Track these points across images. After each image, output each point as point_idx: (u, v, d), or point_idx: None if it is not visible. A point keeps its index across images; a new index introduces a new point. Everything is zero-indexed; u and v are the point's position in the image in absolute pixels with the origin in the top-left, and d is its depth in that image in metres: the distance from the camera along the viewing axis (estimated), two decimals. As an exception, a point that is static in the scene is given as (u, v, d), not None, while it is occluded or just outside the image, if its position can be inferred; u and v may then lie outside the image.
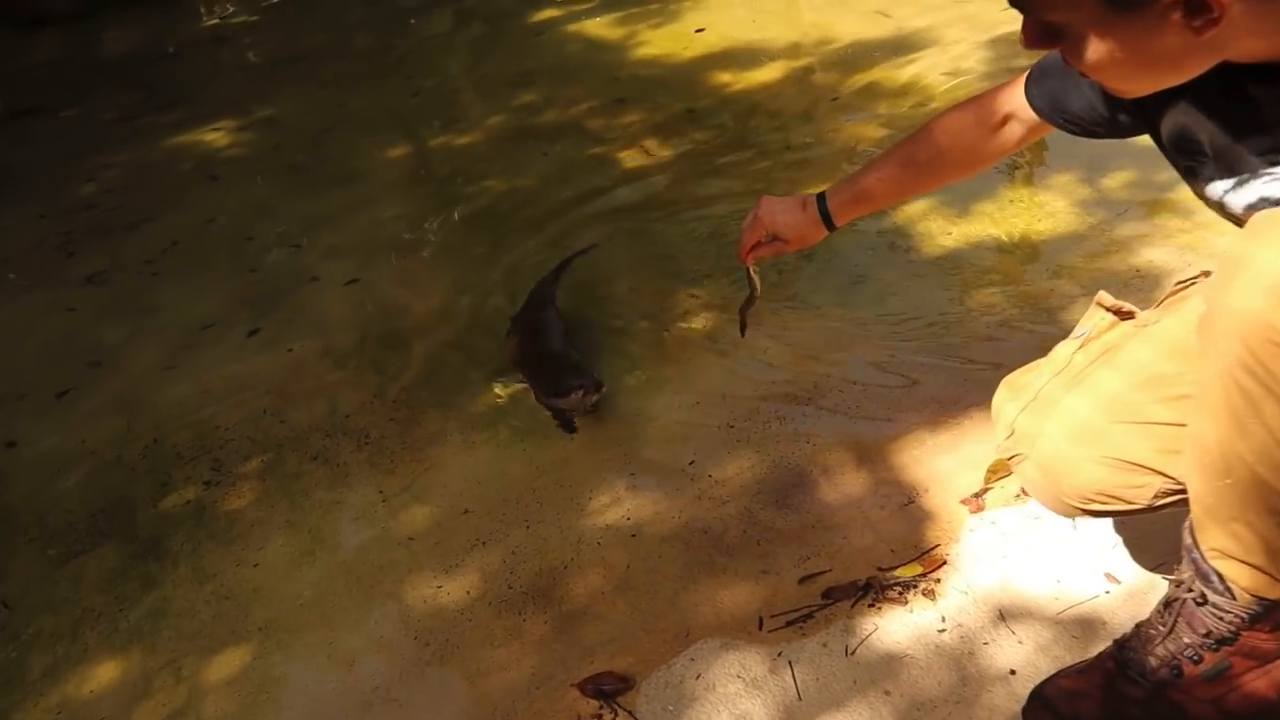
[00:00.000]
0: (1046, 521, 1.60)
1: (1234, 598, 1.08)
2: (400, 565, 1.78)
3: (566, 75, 4.06)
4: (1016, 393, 1.36)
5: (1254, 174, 1.01)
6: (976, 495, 1.68)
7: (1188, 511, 1.29)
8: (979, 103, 1.44)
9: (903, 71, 3.58)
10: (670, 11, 4.60)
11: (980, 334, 2.13)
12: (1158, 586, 1.45)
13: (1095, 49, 0.93)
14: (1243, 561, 1.04)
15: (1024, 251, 2.42)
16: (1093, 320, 1.32)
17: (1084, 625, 1.40)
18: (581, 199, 3.02)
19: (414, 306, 2.61)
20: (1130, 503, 1.20)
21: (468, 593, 1.70)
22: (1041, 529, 1.59)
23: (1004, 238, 2.48)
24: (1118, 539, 1.55)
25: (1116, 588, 1.46)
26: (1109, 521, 1.58)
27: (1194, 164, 1.07)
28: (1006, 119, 1.42)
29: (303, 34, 5.25)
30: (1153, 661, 1.16)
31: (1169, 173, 1.34)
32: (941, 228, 2.55)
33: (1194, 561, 1.10)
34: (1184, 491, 1.16)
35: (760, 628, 1.50)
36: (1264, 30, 0.89)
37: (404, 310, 2.60)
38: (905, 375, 2.03)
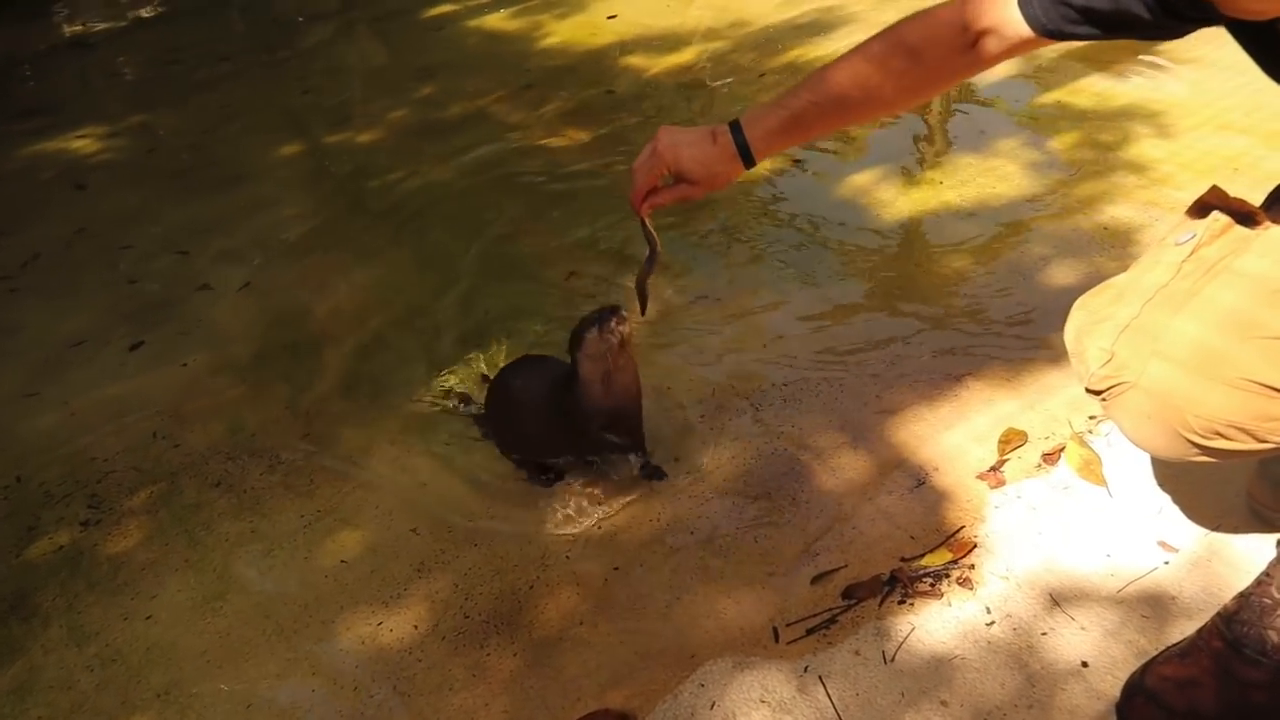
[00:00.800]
0: (1077, 491, 1.42)
1: None
2: (330, 602, 1.49)
3: (470, 68, 3.79)
4: (1105, 313, 1.13)
5: None
6: (993, 469, 1.49)
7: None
8: (950, 11, 1.16)
9: (822, 49, 3.44)
10: (573, 2, 4.38)
11: (958, 302, 1.96)
12: (1221, 550, 1.28)
13: None
14: None
15: (986, 215, 2.27)
16: (1201, 223, 1.09)
17: (1151, 602, 1.22)
18: (495, 186, 2.76)
19: (321, 310, 2.31)
20: (1261, 440, 1.00)
21: (415, 627, 1.42)
22: (1074, 500, 1.41)
23: (962, 203, 2.33)
24: (1162, 502, 1.37)
25: (1175, 556, 1.28)
26: (1148, 486, 1.41)
27: None
28: (983, 33, 1.15)
29: (177, 40, 4.84)
30: (1274, 636, 0.97)
31: (1116, 131, 1.17)
32: (891, 197, 2.39)
33: None
34: None
35: (777, 639, 1.27)
36: None
37: (310, 315, 2.30)
38: (887, 349, 1.83)
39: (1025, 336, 1.81)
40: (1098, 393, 1.11)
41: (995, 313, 1.90)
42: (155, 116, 3.82)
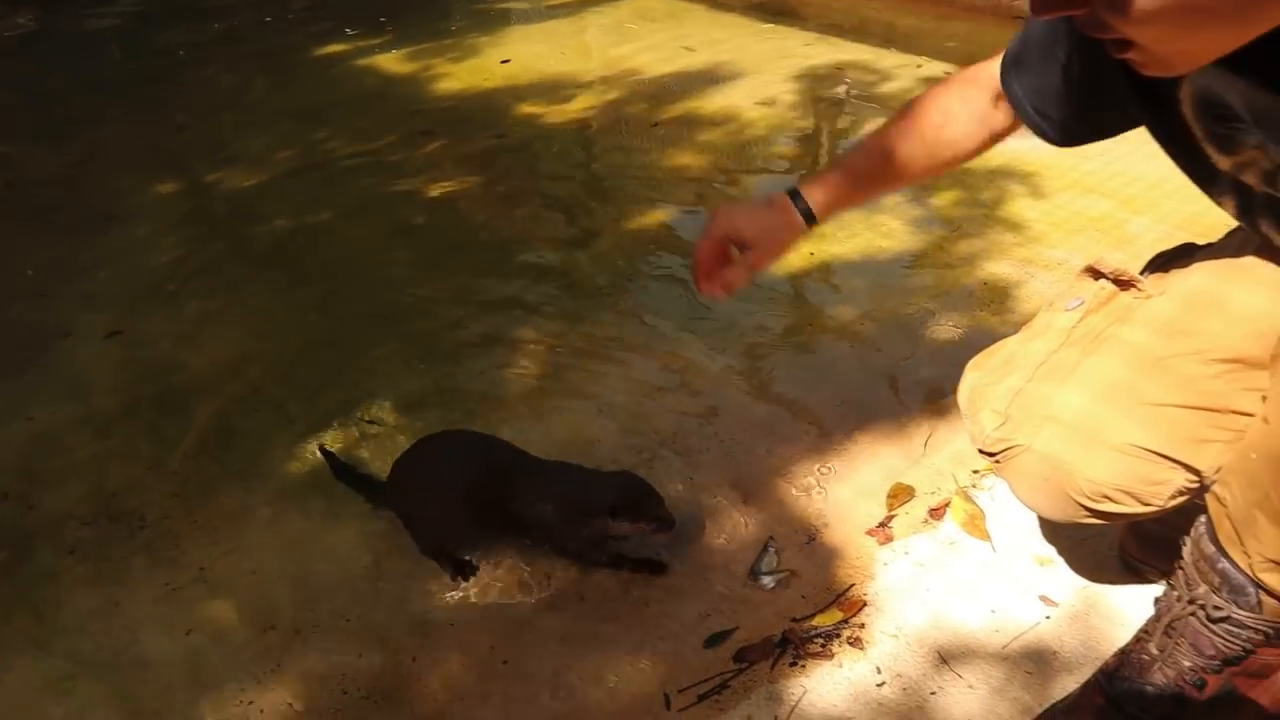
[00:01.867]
0: (962, 546, 1.45)
1: (1262, 611, 0.93)
2: (196, 679, 1.39)
3: (360, 109, 3.72)
4: (998, 375, 1.15)
5: None
6: (882, 525, 1.50)
7: (1164, 520, 1.15)
8: (971, 79, 1.20)
9: (713, 101, 3.51)
10: (468, 46, 4.36)
11: (845, 355, 1.99)
12: (1098, 604, 1.31)
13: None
14: None
15: (872, 270, 2.32)
16: (1089, 289, 1.12)
17: (1034, 658, 1.24)
18: (384, 232, 2.70)
19: (194, 361, 2.19)
20: (1145, 503, 1.03)
21: (289, 705, 1.33)
22: (960, 555, 1.43)
23: (850, 256, 2.39)
24: (1043, 556, 1.41)
25: (1055, 611, 1.31)
26: (1030, 540, 1.44)
27: (1230, 131, 0.89)
28: (998, 99, 1.17)
29: (46, 69, 4.61)
30: (1151, 691, 1.00)
31: (994, 190, 1.23)
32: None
33: (1222, 573, 0.95)
34: (1193, 491, 1.02)
35: (669, 707, 1.24)
36: None
37: (181, 366, 2.18)
38: (777, 404, 1.84)
39: (911, 392, 1.84)
40: (991, 454, 1.13)
41: (881, 367, 1.93)
42: (17, 149, 3.60)
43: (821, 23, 4.59)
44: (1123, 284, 1.09)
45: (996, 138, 1.19)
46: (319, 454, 1.78)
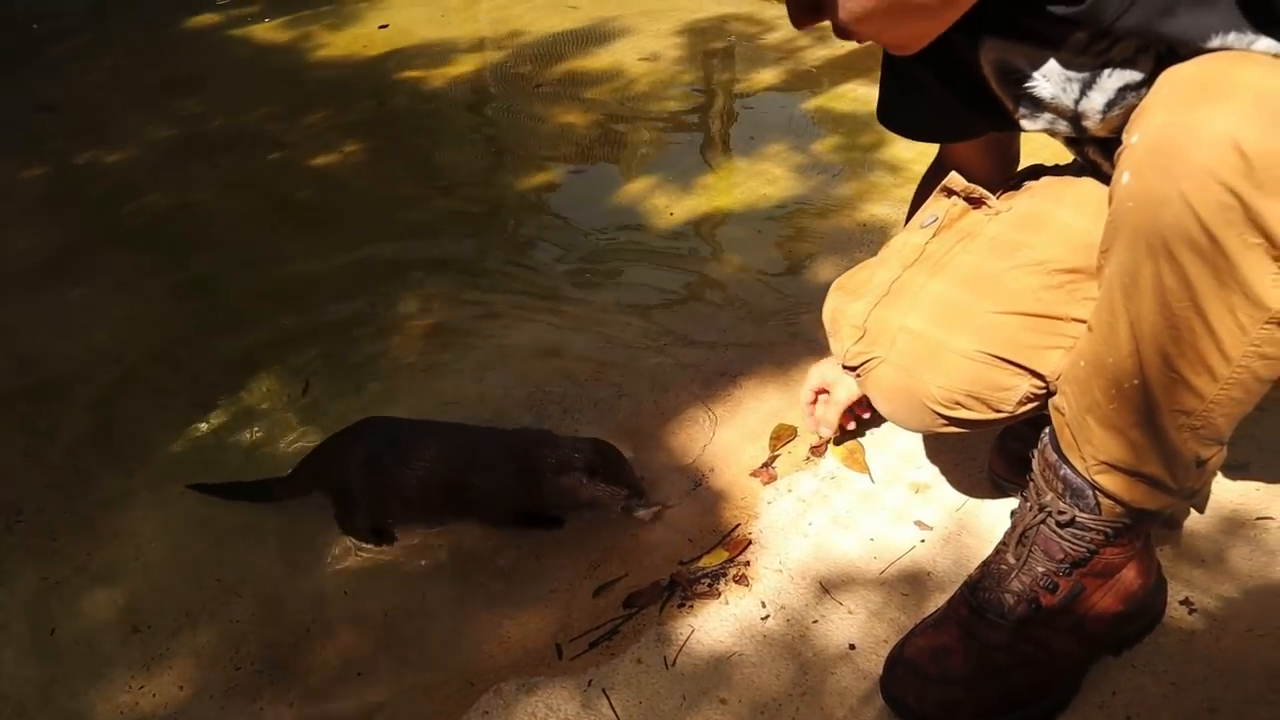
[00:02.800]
0: (843, 480, 1.50)
1: (1100, 513, 0.99)
2: (82, 671, 1.36)
3: (236, 82, 3.59)
4: (858, 292, 1.19)
5: (1093, 73, 0.94)
6: (766, 465, 1.55)
7: (1025, 438, 1.21)
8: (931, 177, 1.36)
9: (598, 59, 3.49)
10: (346, 13, 4.24)
11: (729, 301, 2.02)
12: (969, 524, 1.38)
13: (859, 3, 0.90)
14: (1132, 472, 0.94)
15: (756, 218, 2.36)
16: (942, 207, 1.16)
17: (910, 580, 1.29)
18: (265, 207, 2.63)
19: (68, 349, 2.11)
20: (995, 409, 1.08)
21: (180, 688, 1.31)
22: (840, 489, 1.48)
23: (733, 207, 2.41)
24: (918, 483, 1.46)
25: (930, 534, 1.37)
26: (906, 469, 1.49)
27: (1028, 90, 1.01)
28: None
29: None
30: (1009, 599, 1.05)
31: (873, 134, 1.30)
32: (666, 204, 2.45)
33: (1064, 479, 1.00)
34: (1041, 397, 1.07)
35: (560, 656, 1.26)
36: None
37: (56, 355, 2.10)
38: (662, 354, 1.87)
39: (793, 333, 1.89)
40: (853, 369, 1.18)
41: (765, 311, 1.97)
42: None
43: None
44: (973, 201, 1.14)
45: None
46: (199, 434, 1.74)
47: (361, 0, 4.39)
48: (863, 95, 2.97)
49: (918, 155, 2.61)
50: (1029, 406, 1.09)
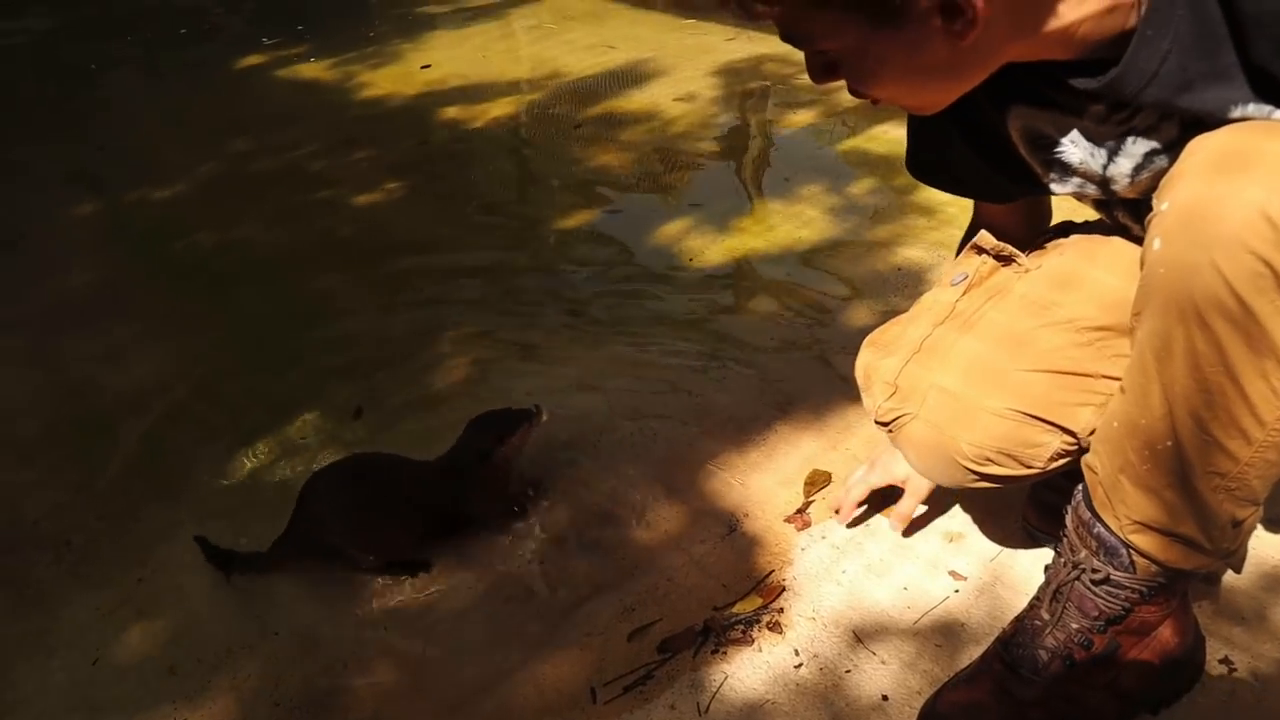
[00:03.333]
0: (876, 528, 1.50)
1: (1135, 571, 0.99)
2: (127, 702, 1.39)
3: (282, 120, 3.69)
4: (889, 349, 1.21)
5: (1119, 140, 0.96)
6: (800, 511, 1.55)
7: (1060, 489, 1.21)
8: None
9: (635, 99, 3.55)
10: (390, 53, 4.35)
11: (765, 345, 2.03)
12: (1003, 575, 1.37)
13: (872, 70, 0.92)
14: (1166, 532, 0.95)
15: (791, 260, 2.38)
16: (972, 264, 1.19)
17: (944, 631, 1.29)
18: (310, 244, 2.69)
19: (117, 381, 2.17)
20: (1027, 465, 1.09)
21: (221, 722, 1.34)
22: (873, 536, 1.48)
23: (768, 249, 2.44)
24: (952, 533, 1.46)
25: (964, 585, 1.36)
26: (941, 517, 1.49)
27: (1056, 156, 1.02)
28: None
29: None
30: (1043, 655, 1.05)
31: (906, 177, 1.31)
32: (702, 245, 2.47)
33: (1098, 537, 1.00)
34: (1073, 453, 1.08)
35: (595, 700, 1.27)
36: (1024, 31, 0.87)
37: (104, 387, 2.16)
38: (699, 398, 1.88)
39: (828, 378, 1.90)
40: (885, 425, 1.19)
41: (800, 355, 1.98)
42: (-76, 172, 3.52)
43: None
44: (1003, 259, 1.16)
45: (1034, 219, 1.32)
46: (244, 469, 1.78)
47: (405, 41, 4.50)
48: (896, 137, 2.99)
49: (952, 199, 2.61)
50: (1060, 462, 1.09)
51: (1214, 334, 0.80)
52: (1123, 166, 0.98)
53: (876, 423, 1.21)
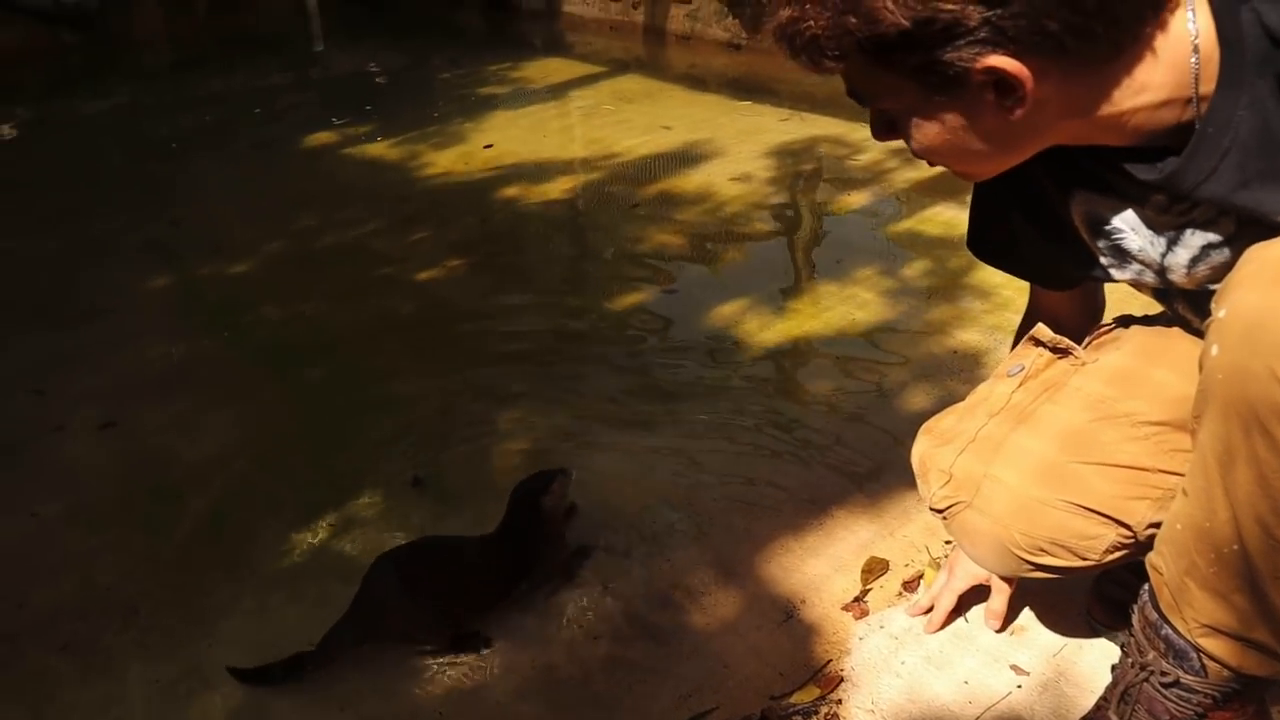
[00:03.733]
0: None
1: (1207, 675, 0.97)
2: (185, 774, 1.41)
3: (348, 198, 3.82)
4: (945, 438, 1.23)
5: (1178, 231, 0.98)
6: (857, 599, 1.54)
7: (1124, 583, 1.21)
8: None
9: (691, 179, 3.62)
10: (452, 132, 4.49)
11: (822, 428, 2.04)
12: (1068, 671, 1.35)
13: (924, 133, 0.95)
14: (1238, 637, 0.93)
15: (846, 343, 2.39)
16: (1029, 357, 1.22)
17: (1006, 730, 1.27)
18: (372, 319, 2.77)
19: (186, 452, 2.24)
20: (1082, 557, 1.10)
21: (279, 798, 1.35)
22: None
23: (824, 331, 2.45)
24: (1014, 625, 1.44)
25: (1027, 680, 1.34)
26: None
27: (1117, 241, 1.04)
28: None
29: (41, 161, 4.72)
30: None
31: (962, 258, 1.33)
32: (757, 327, 2.50)
33: (1166, 639, 0.99)
34: (1130, 546, 1.07)
35: (651, 789, 1.27)
36: (1076, 113, 0.90)
37: (174, 457, 2.22)
38: (754, 480, 1.89)
39: (885, 463, 1.89)
40: (940, 512, 1.20)
41: (856, 439, 1.99)
42: (14, 242, 3.68)
43: (795, 97, 4.73)
44: (1059, 352, 1.18)
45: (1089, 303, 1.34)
46: (306, 543, 1.82)
47: (466, 121, 4.65)
48: (950, 218, 3.02)
49: (1008, 281, 2.62)
50: (1117, 555, 1.09)
51: (1275, 440, 0.81)
52: (1180, 257, 0.99)
53: (931, 509, 1.22)
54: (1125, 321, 1.26)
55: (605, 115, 4.61)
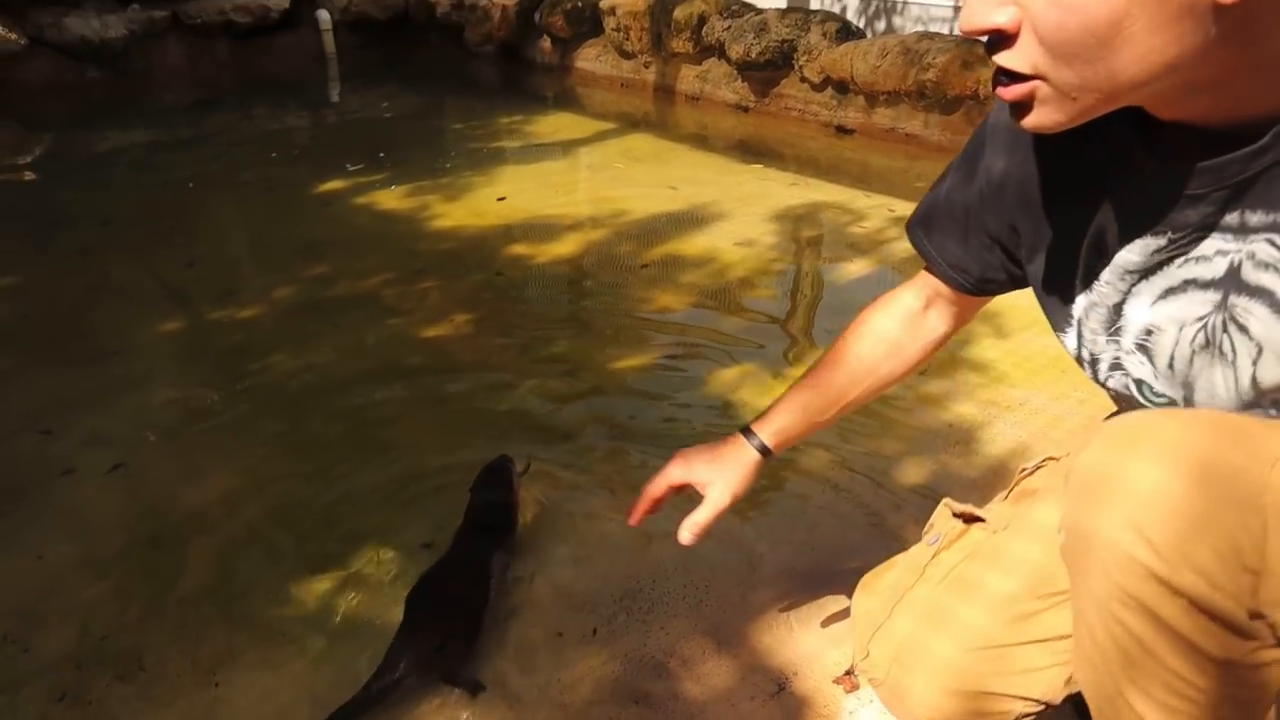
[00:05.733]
0: (924, 697, 1.51)
1: None
2: (182, 828, 1.43)
3: (358, 247, 3.89)
4: (874, 601, 1.33)
5: (1159, 265, 0.92)
6: (848, 673, 1.57)
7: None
8: (895, 301, 1.36)
9: (696, 242, 3.69)
10: (463, 184, 4.58)
11: (816, 500, 2.08)
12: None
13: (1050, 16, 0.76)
14: None
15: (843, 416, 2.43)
16: (944, 527, 1.30)
17: (990, 815, 1.29)
18: (379, 371, 2.82)
19: (191, 499, 2.27)
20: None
21: None
22: (922, 706, 1.49)
23: (823, 399, 2.50)
24: (1000, 711, 1.47)
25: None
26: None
27: (1099, 264, 0.98)
28: (931, 299, 1.33)
29: (58, 200, 4.80)
30: None
31: (960, 332, 1.39)
32: (754, 396, 2.55)
33: None
34: (1040, 710, 1.13)
35: None
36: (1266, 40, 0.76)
37: (179, 504, 2.26)
38: (749, 551, 1.93)
39: (879, 535, 1.94)
40: (868, 678, 1.34)
41: (851, 512, 2.03)
42: (29, 280, 3.74)
43: (801, 161, 4.84)
44: (970, 520, 1.26)
45: (936, 346, 1.37)
46: (311, 594, 1.85)
47: (476, 174, 4.75)
48: (950, 292, 3.08)
49: (1003, 355, 2.68)
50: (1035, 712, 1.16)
51: (1124, 624, 0.83)
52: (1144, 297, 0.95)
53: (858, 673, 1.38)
54: (1042, 466, 1.33)
55: (614, 173, 4.71)
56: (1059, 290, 1.04)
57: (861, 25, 6.43)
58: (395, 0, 8.73)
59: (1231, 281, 0.86)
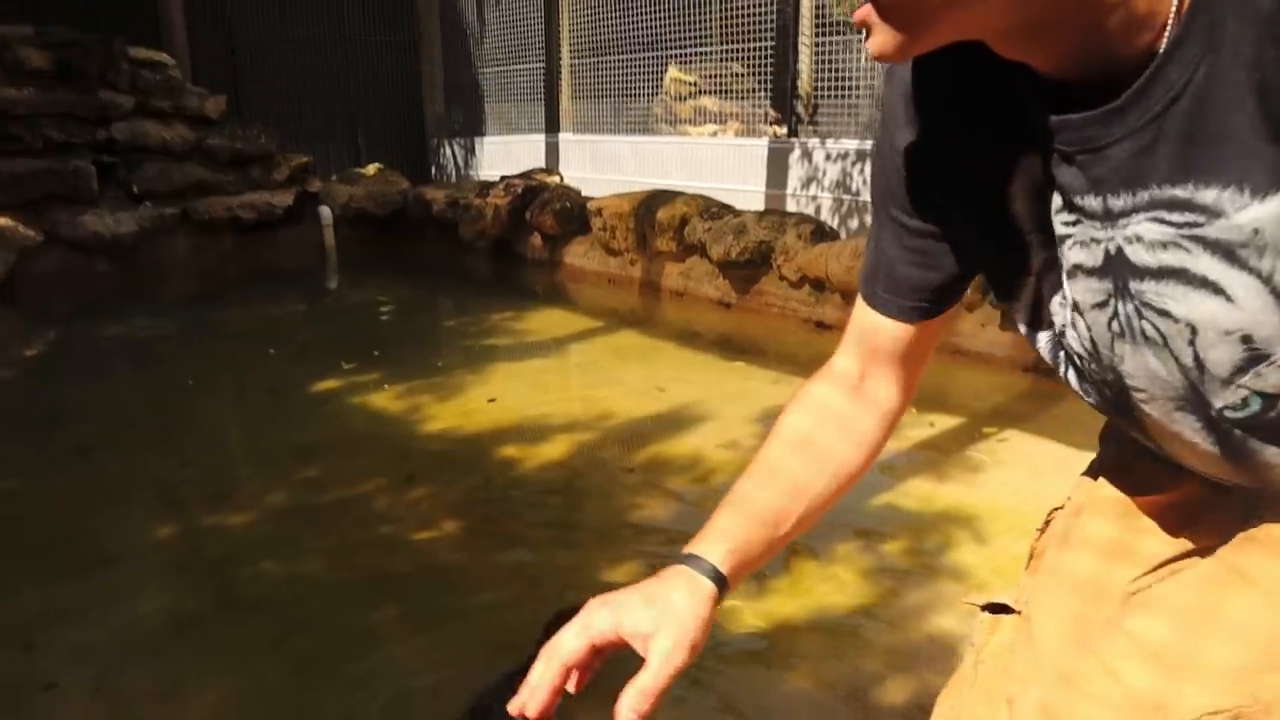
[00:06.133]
0: None
1: None
2: None
3: (351, 450, 3.99)
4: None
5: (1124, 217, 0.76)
6: None
7: None
8: (822, 372, 1.15)
9: (681, 444, 3.81)
10: (454, 384, 4.73)
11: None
12: None
13: None
14: None
15: (825, 628, 2.48)
16: (979, 627, 1.20)
17: None
18: (368, 582, 2.85)
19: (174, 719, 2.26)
20: None
21: None
22: None
23: (803, 614, 2.54)
24: None
25: None
26: None
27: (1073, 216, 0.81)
28: (866, 364, 1.12)
29: (58, 397, 4.92)
30: None
31: (938, 536, 1.46)
32: (738, 605, 2.59)
33: None
34: None
35: None
36: None
37: (160, 727, 2.25)
38: (735, 776, 1.93)
39: (861, 764, 1.94)
40: None
41: (833, 737, 2.04)
42: (23, 482, 3.80)
43: (782, 358, 5.03)
44: (997, 610, 1.18)
45: (890, 420, 1.17)
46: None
47: (468, 372, 4.91)
48: (927, 492, 3.17)
49: (982, 561, 2.75)
50: None
51: None
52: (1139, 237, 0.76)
53: None
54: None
55: (602, 372, 4.88)
56: (999, 267, 0.94)
57: (835, 224, 6.80)
58: (393, 198, 9.24)
59: (1123, 268, 0.77)
